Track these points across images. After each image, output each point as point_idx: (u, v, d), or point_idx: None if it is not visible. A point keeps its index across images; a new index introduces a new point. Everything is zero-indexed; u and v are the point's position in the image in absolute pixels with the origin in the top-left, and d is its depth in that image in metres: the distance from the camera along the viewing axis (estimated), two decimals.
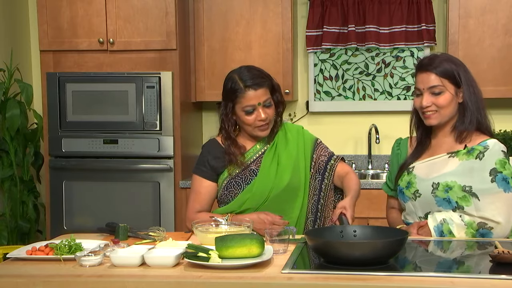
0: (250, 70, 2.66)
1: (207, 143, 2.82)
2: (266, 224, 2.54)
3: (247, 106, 2.61)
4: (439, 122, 2.52)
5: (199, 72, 4.36)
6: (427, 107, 2.49)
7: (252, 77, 2.62)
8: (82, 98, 4.13)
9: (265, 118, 2.62)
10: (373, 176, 4.46)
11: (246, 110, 2.62)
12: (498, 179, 2.43)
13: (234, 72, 2.67)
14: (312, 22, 4.44)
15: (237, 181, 2.68)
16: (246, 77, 2.62)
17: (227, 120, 2.68)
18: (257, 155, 2.71)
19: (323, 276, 1.94)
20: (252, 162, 2.70)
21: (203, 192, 2.72)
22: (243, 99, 2.60)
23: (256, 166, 2.69)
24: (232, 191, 2.68)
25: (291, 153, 2.73)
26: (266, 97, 2.63)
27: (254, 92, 2.60)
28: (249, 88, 2.60)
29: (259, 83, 2.62)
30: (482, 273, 2.00)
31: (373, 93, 4.55)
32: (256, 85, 2.61)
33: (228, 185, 2.69)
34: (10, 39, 4.52)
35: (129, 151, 4.11)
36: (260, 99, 2.61)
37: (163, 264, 2.06)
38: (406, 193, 2.57)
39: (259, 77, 2.64)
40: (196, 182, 2.74)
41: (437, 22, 4.36)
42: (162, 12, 4.10)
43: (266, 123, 2.64)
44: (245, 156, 2.70)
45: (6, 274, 2.07)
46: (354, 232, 2.24)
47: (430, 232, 2.47)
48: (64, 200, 4.18)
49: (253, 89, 2.60)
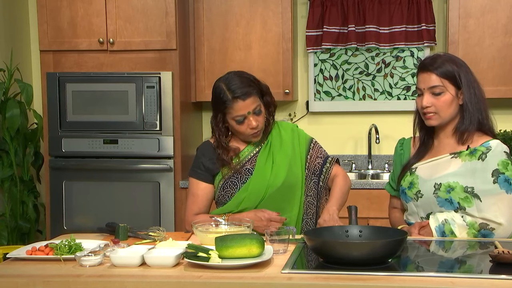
0: (237, 78, 2.62)
1: (201, 146, 2.81)
2: (263, 222, 2.54)
3: (237, 116, 2.60)
4: (439, 123, 2.52)
5: (199, 72, 4.36)
6: (427, 108, 2.49)
7: (239, 86, 2.59)
8: (82, 98, 4.13)
9: (256, 125, 2.62)
10: (373, 176, 4.46)
11: (237, 120, 2.61)
12: (500, 180, 2.43)
13: (221, 81, 2.64)
14: (312, 22, 4.44)
15: (233, 181, 2.68)
16: (234, 86, 2.59)
17: (217, 129, 2.67)
18: (252, 154, 2.71)
19: (323, 276, 1.94)
20: (247, 161, 2.70)
21: (200, 195, 2.72)
22: (232, 110, 2.59)
23: (251, 165, 2.69)
24: (229, 191, 2.68)
25: (286, 151, 2.72)
26: (255, 105, 2.61)
27: (243, 102, 2.58)
28: (238, 98, 2.57)
29: (247, 92, 2.59)
30: (482, 273, 2.00)
31: (373, 93, 4.55)
32: (244, 95, 2.58)
33: (224, 185, 2.69)
34: (10, 39, 4.52)
35: (129, 151, 4.11)
36: (249, 108, 2.59)
37: (163, 264, 2.06)
38: (408, 193, 2.57)
39: (246, 85, 2.60)
40: (192, 185, 2.74)
41: (437, 22, 4.36)
42: (162, 12, 4.10)
43: (257, 130, 2.65)
44: (239, 156, 2.69)
45: (6, 274, 2.08)
46: (360, 232, 2.24)
47: (432, 232, 2.47)
48: (64, 200, 4.18)
49: (241, 99, 2.57)
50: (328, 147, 4.50)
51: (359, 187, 3.99)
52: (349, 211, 2.33)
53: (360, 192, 3.97)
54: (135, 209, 4.10)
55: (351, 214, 2.33)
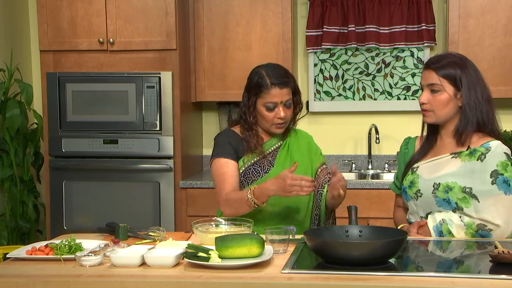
0: (278, 68, 2.73)
1: (223, 132, 2.87)
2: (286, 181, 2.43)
3: (269, 102, 2.67)
4: (434, 121, 2.54)
5: (199, 72, 4.36)
6: (424, 104, 2.52)
7: (279, 75, 2.69)
8: (82, 98, 4.13)
9: (284, 117, 2.69)
10: (373, 176, 4.46)
11: (267, 106, 2.68)
12: (499, 181, 2.43)
13: (261, 68, 2.73)
14: (312, 22, 4.44)
15: (256, 169, 2.71)
16: (273, 74, 2.68)
17: (249, 112, 2.72)
18: (273, 148, 2.77)
19: (323, 276, 1.94)
20: (268, 154, 2.75)
21: (231, 171, 2.67)
22: (267, 95, 2.67)
23: (272, 158, 2.75)
24: (250, 178, 2.71)
25: (303, 154, 2.79)
26: (288, 97, 2.70)
27: (279, 90, 2.66)
28: (275, 85, 2.66)
29: (285, 82, 2.68)
30: (482, 273, 2.00)
31: (373, 93, 4.55)
32: (282, 84, 2.67)
33: (246, 172, 2.71)
34: (10, 39, 4.52)
35: (129, 151, 4.11)
36: (283, 97, 2.67)
37: (163, 264, 2.07)
38: (408, 192, 2.58)
39: (285, 76, 2.71)
40: (221, 164, 2.70)
41: (437, 22, 4.36)
42: (162, 12, 4.10)
43: (283, 121, 2.70)
44: (263, 146, 2.75)
45: (6, 274, 2.08)
46: (360, 232, 2.24)
47: (430, 232, 2.47)
48: (64, 200, 4.17)
49: (278, 87, 2.66)
50: (328, 147, 4.54)
51: (359, 187, 3.99)
52: (349, 211, 2.33)
53: (360, 192, 3.97)
54: (135, 209, 4.10)
55: (351, 214, 2.33)
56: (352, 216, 2.32)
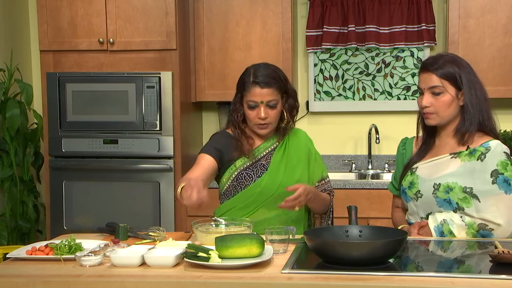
0: (266, 69, 2.69)
1: (217, 132, 2.86)
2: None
3: (250, 100, 2.65)
4: (438, 123, 2.52)
5: (199, 72, 4.36)
6: (426, 108, 2.50)
7: (263, 75, 2.65)
8: (82, 98, 4.13)
9: (264, 117, 2.64)
10: (373, 176, 4.46)
11: (249, 104, 2.66)
12: (499, 180, 2.43)
13: (253, 66, 2.72)
14: (312, 22, 4.44)
15: (248, 173, 2.69)
16: (259, 73, 2.66)
17: (235, 110, 2.73)
18: (267, 151, 2.74)
19: (323, 276, 1.94)
20: (262, 157, 2.72)
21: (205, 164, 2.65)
22: (249, 93, 2.65)
23: (266, 161, 2.71)
24: (243, 183, 2.69)
25: (301, 156, 2.75)
26: (271, 98, 2.65)
27: (259, 89, 2.63)
28: (257, 84, 2.64)
29: (267, 82, 2.64)
30: (482, 273, 2.00)
31: (373, 93, 4.55)
32: (264, 84, 2.63)
33: (238, 176, 2.69)
34: (10, 39, 4.52)
35: (129, 151, 4.11)
36: (264, 98, 2.64)
37: (163, 264, 2.07)
38: (408, 193, 2.57)
39: (271, 77, 2.66)
40: (199, 158, 2.70)
41: (437, 22, 4.36)
42: (162, 12, 4.10)
43: (265, 122, 2.66)
44: (255, 151, 2.72)
45: (6, 274, 2.08)
46: (360, 232, 2.24)
47: (431, 232, 2.47)
48: (64, 200, 4.17)
49: (259, 86, 2.63)
50: (328, 147, 4.55)
51: (359, 187, 3.99)
52: (349, 211, 2.33)
53: (360, 192, 3.97)
54: (135, 209, 4.10)
55: (351, 214, 2.33)
56: (352, 216, 2.32)
